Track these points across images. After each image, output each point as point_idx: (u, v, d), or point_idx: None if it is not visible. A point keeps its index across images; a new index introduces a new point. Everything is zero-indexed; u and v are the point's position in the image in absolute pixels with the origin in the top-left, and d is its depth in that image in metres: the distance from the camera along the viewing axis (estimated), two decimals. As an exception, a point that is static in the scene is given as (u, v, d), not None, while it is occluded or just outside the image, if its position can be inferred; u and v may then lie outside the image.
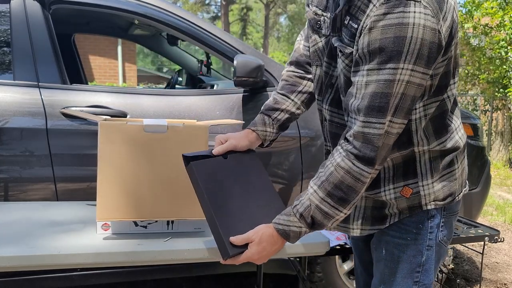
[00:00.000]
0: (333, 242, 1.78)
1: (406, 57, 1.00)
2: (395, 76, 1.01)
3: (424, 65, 1.02)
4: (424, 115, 1.16)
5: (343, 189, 1.09)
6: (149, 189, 1.35)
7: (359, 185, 1.09)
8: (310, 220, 1.13)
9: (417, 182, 1.20)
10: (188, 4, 27.95)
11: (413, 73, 1.02)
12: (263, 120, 1.39)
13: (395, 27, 0.99)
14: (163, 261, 1.31)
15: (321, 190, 1.12)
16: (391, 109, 1.04)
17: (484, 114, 8.95)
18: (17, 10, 2.12)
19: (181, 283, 2.83)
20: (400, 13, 0.99)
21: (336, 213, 1.12)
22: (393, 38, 0.99)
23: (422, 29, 0.99)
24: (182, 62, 4.11)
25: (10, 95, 2.01)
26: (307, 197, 1.14)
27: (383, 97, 1.03)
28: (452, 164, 1.23)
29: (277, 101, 1.41)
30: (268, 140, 1.40)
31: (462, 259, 3.41)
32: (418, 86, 1.04)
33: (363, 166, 1.08)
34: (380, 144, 1.06)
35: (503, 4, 7.44)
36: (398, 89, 1.02)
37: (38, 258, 1.21)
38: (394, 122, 1.06)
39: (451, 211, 1.27)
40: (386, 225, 1.25)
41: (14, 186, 1.99)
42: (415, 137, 1.17)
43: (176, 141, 1.38)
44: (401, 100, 1.04)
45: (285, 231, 1.16)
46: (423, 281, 1.25)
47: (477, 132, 2.81)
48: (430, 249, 1.24)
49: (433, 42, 1.01)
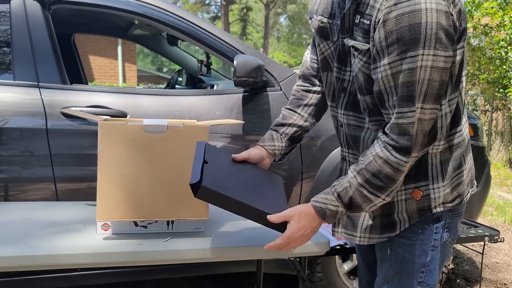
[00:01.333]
0: (333, 242, 1.78)
1: (425, 43, 1.00)
2: (416, 63, 1.02)
3: (445, 48, 1.02)
4: (449, 110, 1.15)
5: (381, 178, 1.11)
6: (149, 189, 1.35)
7: (397, 175, 1.11)
8: (347, 200, 1.15)
9: (428, 185, 1.20)
10: (188, 4, 27.95)
11: (435, 57, 1.02)
12: (271, 136, 1.43)
13: (408, 15, 1.00)
14: (163, 261, 1.31)
15: (360, 176, 1.14)
16: (420, 96, 1.04)
17: (484, 114, 8.95)
18: (17, 10, 2.12)
19: (181, 283, 2.83)
20: (410, 1, 1.00)
21: (374, 198, 1.14)
22: (408, 26, 1.00)
23: (435, 13, 0.99)
24: (182, 62, 4.11)
25: (10, 95, 2.01)
26: (346, 179, 1.16)
27: (410, 85, 1.04)
28: (461, 166, 1.24)
29: (284, 116, 1.45)
30: (278, 154, 1.42)
31: (462, 259, 3.41)
32: (443, 70, 1.04)
33: (401, 156, 1.09)
34: (414, 132, 1.07)
35: (503, 4, 7.44)
36: (423, 75, 1.02)
37: (38, 258, 1.21)
38: (425, 109, 1.06)
39: (456, 212, 1.27)
40: (396, 232, 1.24)
41: (14, 186, 1.99)
42: (439, 133, 1.15)
43: (176, 141, 1.38)
44: (428, 86, 1.04)
45: (322, 209, 1.17)
46: (427, 282, 1.25)
47: (477, 132, 2.81)
48: (435, 250, 1.24)
49: (448, 24, 1.01)
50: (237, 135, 2.23)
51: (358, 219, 1.31)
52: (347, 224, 1.33)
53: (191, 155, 1.37)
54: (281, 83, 2.34)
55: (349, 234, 1.33)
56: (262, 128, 2.25)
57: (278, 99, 2.31)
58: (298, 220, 1.17)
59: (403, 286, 1.26)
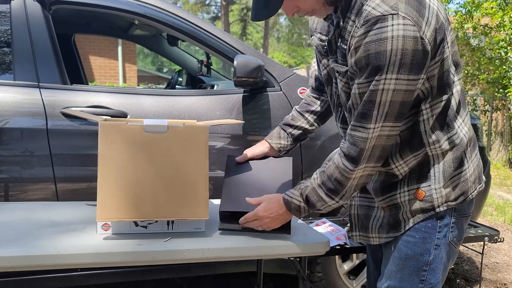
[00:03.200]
0: (333, 242, 1.78)
1: (388, 68, 1.08)
2: (379, 86, 1.10)
3: (408, 72, 1.09)
4: (431, 115, 1.21)
5: (332, 181, 1.23)
6: (149, 189, 1.35)
7: (346, 181, 1.22)
8: (305, 198, 1.29)
9: (430, 185, 1.24)
10: (188, 5, 27.95)
11: (397, 81, 1.09)
12: (279, 134, 1.60)
13: (375, 43, 1.08)
14: (163, 261, 1.31)
15: (319, 178, 1.27)
16: (381, 116, 1.13)
17: (484, 114, 8.95)
18: (18, 11, 2.12)
19: (181, 283, 2.83)
20: (378, 29, 1.08)
21: (327, 200, 1.26)
22: (375, 53, 1.08)
23: (401, 39, 1.06)
24: (182, 62, 4.11)
25: (10, 95, 2.01)
26: (310, 179, 1.30)
27: (369, 104, 1.13)
28: (462, 165, 1.26)
29: (294, 117, 1.61)
30: (283, 150, 1.60)
31: (462, 259, 3.41)
32: (405, 92, 1.12)
33: (348, 163, 1.20)
34: (364, 146, 1.16)
35: (503, 5, 7.44)
36: (384, 97, 1.11)
37: (38, 258, 1.21)
38: (383, 126, 1.15)
39: (462, 212, 1.29)
40: (400, 232, 1.28)
41: (15, 186, 1.99)
42: (425, 138, 1.22)
43: (176, 141, 1.38)
44: (390, 107, 1.12)
45: (288, 201, 1.31)
46: (429, 280, 1.26)
47: (477, 132, 2.81)
48: (438, 249, 1.25)
49: (415, 49, 1.08)
50: (237, 135, 2.23)
51: (369, 221, 1.36)
52: (361, 227, 1.40)
53: (191, 155, 1.38)
54: (281, 83, 2.34)
55: (364, 236, 1.39)
56: (262, 128, 2.25)
57: (278, 99, 2.31)
58: (268, 203, 1.33)
59: (405, 283, 1.28)
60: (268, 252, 1.37)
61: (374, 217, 1.35)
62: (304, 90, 2.36)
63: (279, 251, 1.38)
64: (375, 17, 1.08)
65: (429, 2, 1.13)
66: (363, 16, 1.11)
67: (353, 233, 1.44)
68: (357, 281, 2.43)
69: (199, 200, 1.38)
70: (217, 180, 2.17)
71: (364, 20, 1.10)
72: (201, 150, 1.39)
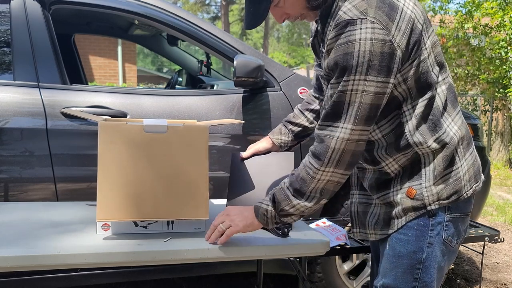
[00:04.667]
0: (333, 242, 1.78)
1: (356, 69, 1.10)
2: (347, 87, 1.13)
3: (377, 74, 1.11)
4: (414, 116, 1.22)
5: (299, 180, 1.22)
6: (149, 189, 1.35)
7: (309, 179, 1.20)
8: (272, 198, 1.26)
9: (421, 184, 1.25)
10: (188, 4, 27.95)
11: (366, 82, 1.11)
12: (280, 130, 1.63)
13: (344, 45, 1.12)
14: (163, 261, 1.31)
15: (289, 178, 1.27)
16: (349, 117, 1.14)
17: (484, 114, 8.95)
18: (17, 11, 2.12)
19: (181, 283, 2.83)
20: (347, 32, 1.11)
21: (293, 199, 1.23)
22: (343, 55, 1.12)
23: (369, 41, 1.09)
24: (182, 62, 4.11)
25: (10, 95, 2.01)
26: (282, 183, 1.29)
27: (337, 105, 1.15)
28: (453, 163, 1.26)
29: (295, 115, 1.63)
30: (284, 146, 1.62)
31: (462, 259, 3.41)
32: (375, 94, 1.13)
33: (313, 161, 1.20)
34: (331, 144, 1.16)
35: (503, 4, 7.44)
36: (353, 98, 1.13)
37: (38, 258, 1.21)
38: (354, 130, 1.15)
39: (458, 211, 1.29)
40: (394, 229, 1.30)
41: (14, 186, 1.99)
42: (410, 138, 1.23)
43: (176, 141, 1.38)
44: (359, 108, 1.13)
45: (257, 206, 1.28)
46: (423, 278, 1.27)
47: (477, 132, 2.81)
48: (431, 247, 1.26)
49: (383, 52, 1.10)
50: (237, 135, 2.23)
51: (366, 217, 1.38)
52: (361, 224, 1.42)
53: (191, 155, 1.38)
54: (281, 83, 2.34)
55: (363, 233, 1.41)
56: (262, 128, 2.25)
57: (278, 99, 2.31)
58: (243, 207, 1.32)
59: (399, 281, 1.28)
60: (268, 252, 1.37)
61: (371, 214, 1.37)
62: (304, 90, 2.36)
63: (279, 251, 1.38)
64: (344, 20, 1.12)
65: (403, 6, 1.15)
66: (335, 20, 1.15)
67: (353, 230, 1.45)
68: (357, 281, 2.43)
69: (199, 200, 1.37)
70: (217, 180, 2.17)
71: (335, 24, 1.14)
72: (201, 150, 1.39)
